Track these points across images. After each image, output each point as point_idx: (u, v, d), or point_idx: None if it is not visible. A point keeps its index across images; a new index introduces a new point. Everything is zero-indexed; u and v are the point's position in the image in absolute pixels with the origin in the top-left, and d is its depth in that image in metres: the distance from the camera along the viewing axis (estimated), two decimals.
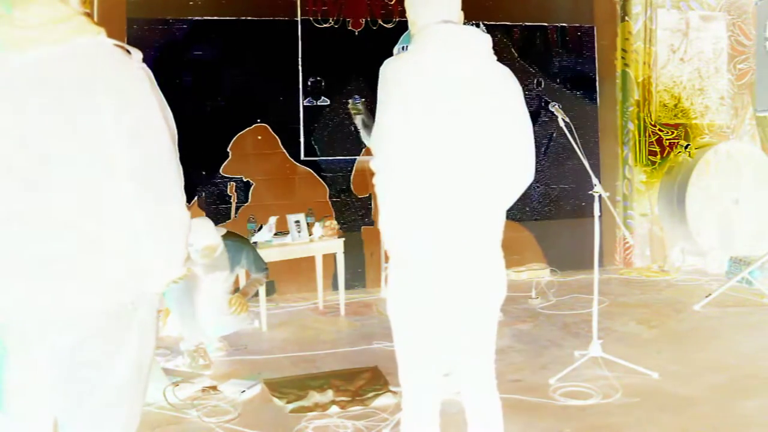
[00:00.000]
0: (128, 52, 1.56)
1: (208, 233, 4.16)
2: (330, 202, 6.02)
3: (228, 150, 5.76)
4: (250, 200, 5.81)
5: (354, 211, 6.08)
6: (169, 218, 1.57)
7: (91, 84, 1.48)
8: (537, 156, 2.14)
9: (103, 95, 1.48)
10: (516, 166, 2.08)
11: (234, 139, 5.77)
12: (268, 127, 5.85)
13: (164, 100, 1.60)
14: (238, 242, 4.55)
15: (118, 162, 1.50)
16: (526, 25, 6.53)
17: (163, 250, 1.59)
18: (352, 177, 6.03)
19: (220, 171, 5.74)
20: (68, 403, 1.58)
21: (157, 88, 1.59)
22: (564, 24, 6.66)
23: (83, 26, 1.52)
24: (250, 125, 5.82)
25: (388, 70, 2.05)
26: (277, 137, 5.86)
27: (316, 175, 5.99)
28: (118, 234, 1.54)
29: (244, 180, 5.81)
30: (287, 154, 5.91)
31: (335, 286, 5.44)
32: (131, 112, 1.51)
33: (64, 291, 1.51)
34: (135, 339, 1.59)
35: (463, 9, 2.19)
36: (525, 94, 2.23)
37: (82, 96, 1.48)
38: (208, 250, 4.15)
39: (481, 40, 2.09)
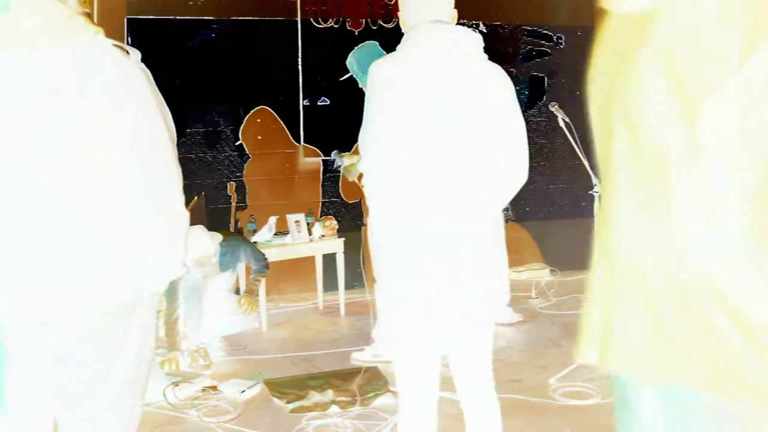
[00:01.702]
0: (127, 52, 1.56)
1: (199, 244, 4.15)
2: (330, 202, 6.02)
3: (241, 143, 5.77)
4: (247, 203, 5.81)
5: (354, 211, 6.08)
6: (169, 218, 1.57)
7: (90, 84, 1.48)
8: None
9: (101, 96, 1.48)
10: (509, 166, 2.08)
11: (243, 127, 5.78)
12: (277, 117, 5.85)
13: (163, 100, 1.60)
14: (235, 240, 4.56)
15: (117, 162, 1.51)
16: (525, 26, 6.53)
17: (162, 250, 1.59)
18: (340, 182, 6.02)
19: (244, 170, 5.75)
20: (68, 404, 1.58)
21: (156, 88, 1.59)
22: (564, 24, 6.65)
23: (81, 26, 1.52)
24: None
25: (375, 71, 2.05)
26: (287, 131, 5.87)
27: (316, 175, 5.99)
28: (117, 234, 1.54)
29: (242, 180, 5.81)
30: (287, 153, 5.92)
31: (335, 286, 5.44)
32: (130, 112, 1.51)
33: (64, 291, 1.51)
34: (135, 339, 1.60)
35: (462, 9, 2.18)
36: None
37: (80, 96, 1.48)
38: (201, 260, 4.15)
39: (471, 40, 2.08)
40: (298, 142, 5.88)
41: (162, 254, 1.60)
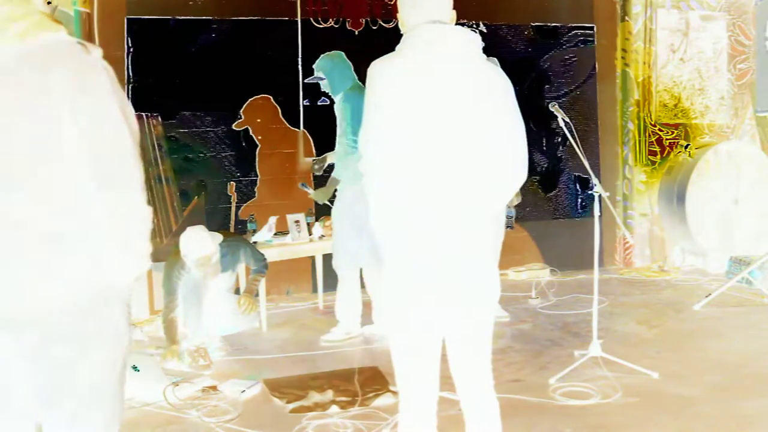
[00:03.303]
0: (88, 49, 1.55)
1: (200, 243, 4.14)
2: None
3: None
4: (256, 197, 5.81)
5: None
6: (129, 213, 1.56)
7: (49, 81, 1.48)
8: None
9: (60, 93, 1.48)
10: (508, 166, 2.08)
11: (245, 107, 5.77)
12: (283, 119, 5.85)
13: (125, 97, 1.59)
14: (234, 241, 4.56)
15: (77, 158, 1.50)
16: (525, 25, 6.53)
17: (124, 245, 1.57)
18: None
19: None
20: (47, 403, 1.57)
21: (118, 84, 1.59)
22: (564, 23, 6.65)
23: (42, 24, 1.52)
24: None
25: (375, 71, 2.06)
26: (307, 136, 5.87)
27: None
28: (78, 230, 1.53)
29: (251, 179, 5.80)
30: (286, 153, 5.92)
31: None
32: (89, 108, 1.50)
33: (25, 289, 1.50)
34: (107, 337, 1.59)
35: (462, 9, 2.18)
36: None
37: (39, 93, 1.48)
38: (202, 260, 4.15)
39: (469, 40, 2.08)
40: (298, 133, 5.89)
41: (124, 249, 1.58)
